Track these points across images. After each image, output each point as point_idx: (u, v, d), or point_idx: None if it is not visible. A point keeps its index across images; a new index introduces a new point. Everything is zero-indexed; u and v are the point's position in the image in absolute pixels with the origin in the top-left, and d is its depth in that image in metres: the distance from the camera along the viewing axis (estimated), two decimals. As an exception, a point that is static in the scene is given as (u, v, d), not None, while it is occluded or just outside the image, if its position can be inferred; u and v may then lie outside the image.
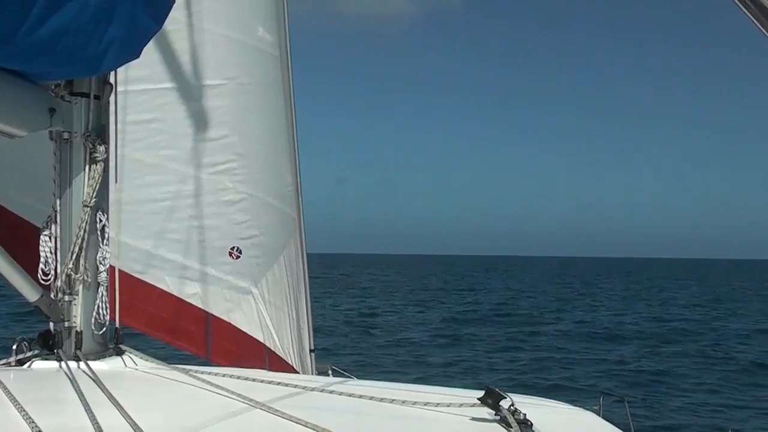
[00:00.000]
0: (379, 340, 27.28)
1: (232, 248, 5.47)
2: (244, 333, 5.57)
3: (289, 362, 5.54)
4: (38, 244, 3.54)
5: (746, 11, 1.84)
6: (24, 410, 2.44)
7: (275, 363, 5.42)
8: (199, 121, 5.27)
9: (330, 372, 5.71)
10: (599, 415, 3.48)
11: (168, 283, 5.46)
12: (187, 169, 5.33)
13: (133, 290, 5.04)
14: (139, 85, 4.97)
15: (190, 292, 5.49)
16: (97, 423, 2.37)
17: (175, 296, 5.48)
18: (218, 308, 5.53)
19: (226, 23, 5.27)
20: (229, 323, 5.56)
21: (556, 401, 3.43)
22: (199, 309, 5.51)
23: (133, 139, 5.02)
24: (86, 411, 2.52)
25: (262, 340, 5.55)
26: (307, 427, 2.50)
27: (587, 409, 3.43)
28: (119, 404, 2.60)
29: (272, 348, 5.55)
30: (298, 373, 5.47)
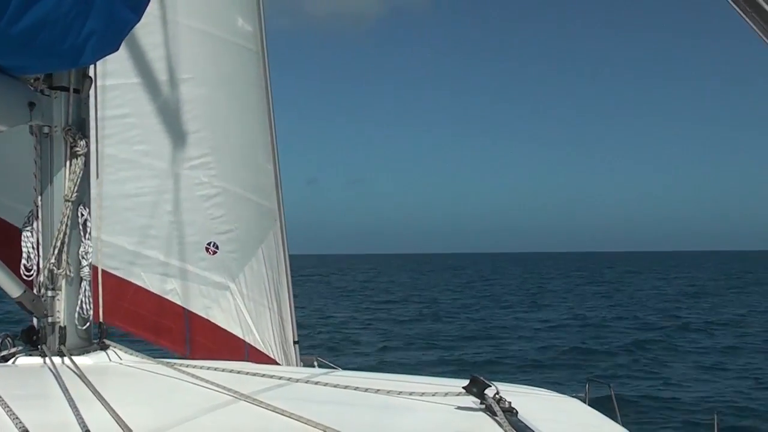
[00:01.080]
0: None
1: (209, 243, 5.44)
2: (223, 329, 5.54)
3: (271, 356, 5.51)
4: (18, 243, 3.50)
5: (744, 16, 1.87)
6: (8, 406, 2.41)
7: (256, 357, 5.40)
8: (173, 115, 5.23)
9: (315, 363, 5.71)
10: (585, 402, 3.52)
11: (145, 280, 5.41)
12: (161, 164, 5.28)
13: (109, 287, 4.99)
14: (112, 80, 4.91)
15: (168, 289, 5.45)
16: (81, 418, 2.35)
17: (153, 293, 5.44)
18: (196, 305, 5.50)
19: (200, 17, 5.23)
20: (207, 320, 5.53)
21: (540, 389, 3.47)
22: (177, 306, 5.47)
23: (106, 134, 4.95)
24: (71, 406, 2.50)
25: (241, 336, 5.53)
26: (292, 418, 2.50)
27: (573, 396, 3.48)
28: (104, 399, 2.58)
29: (252, 343, 5.53)
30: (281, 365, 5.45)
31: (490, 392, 2.75)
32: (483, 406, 2.72)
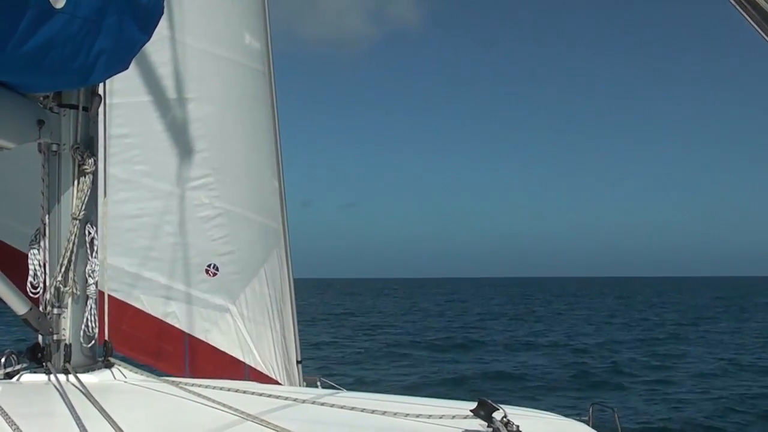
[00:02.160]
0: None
1: (209, 265, 5.42)
2: (222, 352, 5.50)
3: (272, 376, 5.47)
4: (23, 266, 3.49)
5: (747, 16, 1.89)
6: (14, 423, 2.39)
7: (256, 378, 5.35)
8: (175, 135, 5.24)
9: (319, 384, 5.66)
10: (589, 425, 3.52)
11: (143, 302, 5.38)
12: (161, 185, 5.28)
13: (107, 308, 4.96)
14: (115, 99, 4.93)
15: (167, 311, 5.42)
16: None
17: (151, 315, 5.40)
18: (195, 327, 5.46)
19: (207, 38, 5.26)
20: (206, 342, 5.49)
21: (547, 412, 3.45)
22: (176, 329, 5.44)
23: (108, 153, 4.97)
24: (77, 424, 2.47)
25: (241, 358, 5.49)
26: None
27: (578, 420, 3.47)
28: (110, 417, 2.55)
29: (252, 364, 5.48)
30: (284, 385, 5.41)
31: (497, 415, 2.74)
32: (490, 430, 2.71)
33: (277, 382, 5.44)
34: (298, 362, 5.60)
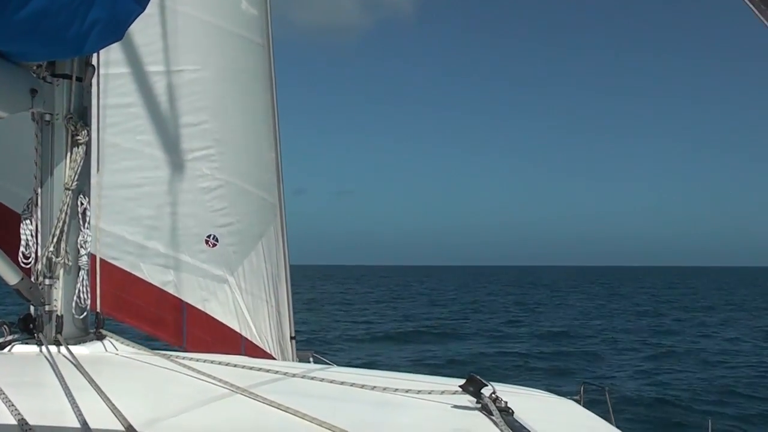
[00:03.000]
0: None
1: (209, 236, 5.42)
2: (219, 322, 5.53)
3: (267, 350, 5.50)
4: (16, 229, 3.48)
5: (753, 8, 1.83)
6: (3, 393, 2.40)
7: (252, 351, 5.38)
8: (177, 106, 5.22)
9: (311, 359, 5.69)
10: (580, 404, 3.51)
11: (143, 270, 5.40)
12: (164, 155, 5.27)
13: (107, 276, 4.98)
14: (117, 68, 4.90)
15: (166, 280, 5.43)
16: (77, 407, 2.34)
17: (150, 284, 5.42)
18: (193, 297, 5.48)
19: (206, 8, 5.22)
20: (204, 312, 5.51)
21: (536, 390, 3.45)
22: (174, 297, 5.46)
23: (110, 123, 4.95)
24: (67, 395, 2.49)
25: (237, 329, 5.51)
26: (288, 412, 2.50)
27: (568, 398, 3.47)
28: (100, 389, 2.57)
29: (248, 337, 5.51)
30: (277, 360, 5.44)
31: (486, 392, 2.74)
32: (479, 406, 2.71)
33: (271, 357, 5.47)
34: (291, 338, 5.62)
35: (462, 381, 2.85)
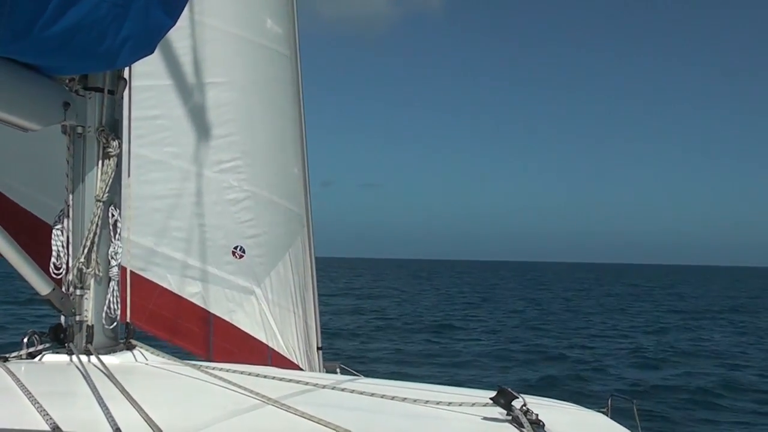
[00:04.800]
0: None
1: (236, 247, 5.44)
2: (246, 333, 5.54)
3: (294, 361, 5.50)
4: (47, 239, 3.53)
5: None
6: (38, 402, 2.43)
7: (279, 362, 5.37)
8: (204, 118, 5.26)
9: (338, 370, 5.69)
10: (608, 416, 3.49)
11: (170, 281, 5.43)
12: (191, 167, 5.31)
13: (134, 287, 5.02)
14: (145, 81, 4.94)
15: (192, 291, 5.46)
16: (112, 417, 2.35)
17: (177, 295, 5.45)
18: (220, 308, 5.50)
19: (234, 21, 5.26)
20: (231, 323, 5.53)
21: (566, 403, 3.44)
22: (201, 308, 5.48)
23: (137, 135, 4.98)
24: (100, 405, 2.50)
25: (264, 341, 5.52)
26: (320, 424, 2.49)
27: (596, 410, 3.44)
28: (133, 399, 2.58)
29: (275, 347, 5.51)
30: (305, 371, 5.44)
31: (517, 404, 2.72)
32: (509, 418, 2.69)
33: (298, 367, 5.47)
34: (318, 348, 5.62)
35: (492, 393, 2.83)
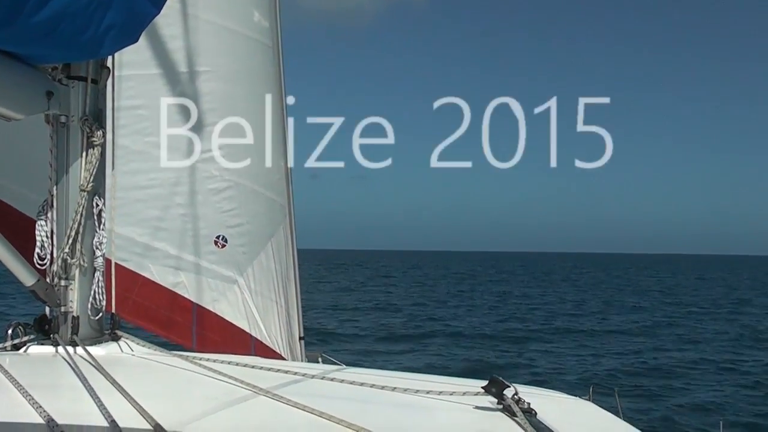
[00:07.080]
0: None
1: (218, 237, 5.43)
2: (229, 323, 5.54)
3: (277, 350, 5.51)
4: (31, 233, 3.50)
5: None
6: (29, 395, 2.43)
7: (262, 352, 5.39)
8: (186, 108, 5.23)
9: (320, 359, 5.71)
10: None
11: (152, 272, 5.41)
12: (172, 157, 5.28)
13: (118, 279, 5.00)
14: (126, 71, 4.91)
15: (175, 282, 5.44)
16: (106, 409, 2.35)
17: (160, 285, 5.43)
18: (203, 298, 5.49)
19: (217, 11, 5.23)
20: (214, 313, 5.52)
21: (555, 391, 3.47)
22: (184, 298, 5.47)
23: (119, 125, 4.96)
24: (92, 397, 2.51)
25: (247, 330, 5.52)
26: (314, 414, 2.50)
27: (583, 398, 3.48)
28: (125, 390, 2.58)
29: (258, 337, 5.52)
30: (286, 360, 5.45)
31: (509, 393, 2.75)
32: (501, 407, 2.72)
33: (281, 357, 5.48)
34: (300, 338, 5.65)
35: (483, 382, 2.86)
